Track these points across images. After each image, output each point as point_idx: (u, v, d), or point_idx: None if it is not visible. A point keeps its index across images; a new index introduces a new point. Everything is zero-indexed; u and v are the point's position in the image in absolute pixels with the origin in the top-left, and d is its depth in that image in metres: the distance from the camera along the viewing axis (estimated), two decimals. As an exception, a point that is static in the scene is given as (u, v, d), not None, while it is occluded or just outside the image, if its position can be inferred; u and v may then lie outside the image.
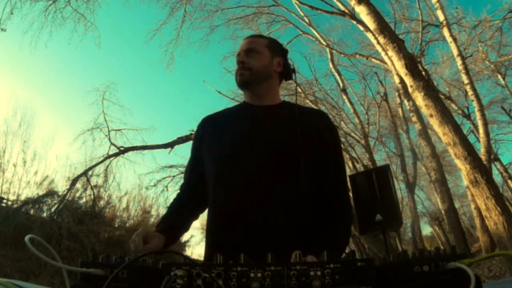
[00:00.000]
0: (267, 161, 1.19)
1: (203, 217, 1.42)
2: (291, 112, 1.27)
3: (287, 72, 1.37)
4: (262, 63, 1.30)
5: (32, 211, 8.19)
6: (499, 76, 12.40)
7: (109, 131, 9.51)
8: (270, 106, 1.32)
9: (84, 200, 9.24)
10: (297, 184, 1.16)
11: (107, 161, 9.38)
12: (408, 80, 5.95)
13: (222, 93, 10.61)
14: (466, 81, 8.59)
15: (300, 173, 1.16)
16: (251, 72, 1.29)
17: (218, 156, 1.26)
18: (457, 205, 13.38)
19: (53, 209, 8.30)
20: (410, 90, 6.08)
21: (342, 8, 9.20)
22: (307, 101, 12.88)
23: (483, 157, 7.18)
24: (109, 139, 9.42)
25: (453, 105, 12.29)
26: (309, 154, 1.19)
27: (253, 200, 1.15)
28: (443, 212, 10.73)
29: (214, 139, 1.30)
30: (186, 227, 1.32)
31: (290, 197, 1.15)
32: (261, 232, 1.11)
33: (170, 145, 9.46)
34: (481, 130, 8.10)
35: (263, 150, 1.20)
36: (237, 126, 1.30)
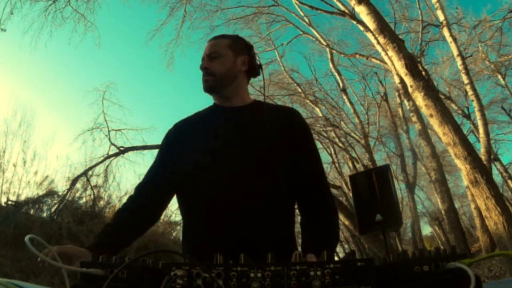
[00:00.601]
0: (243, 162, 1.20)
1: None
2: (261, 112, 1.27)
3: (253, 69, 1.35)
4: (225, 66, 1.29)
5: (32, 211, 8.19)
6: (499, 76, 12.41)
7: (109, 131, 9.48)
8: (240, 107, 1.31)
9: (84, 200, 9.24)
10: (274, 182, 1.17)
11: (107, 161, 9.36)
12: (408, 80, 5.96)
13: (222, 93, 10.61)
14: (466, 81, 8.59)
15: (277, 171, 1.18)
16: (215, 78, 1.28)
17: (194, 163, 1.24)
18: (457, 205, 13.39)
19: (53, 209, 8.30)
20: (410, 90, 6.09)
21: (342, 8, 9.21)
22: (307, 101, 12.89)
23: (483, 157, 7.18)
24: (109, 139, 9.39)
25: (453, 105, 12.29)
26: (282, 152, 1.20)
27: (232, 199, 1.16)
28: (443, 212, 10.73)
29: (188, 146, 1.28)
30: (127, 245, 1.22)
31: (269, 194, 1.17)
32: (243, 230, 1.12)
33: (170, 145, 9.43)
34: (481, 130, 8.10)
35: (238, 152, 1.21)
36: (210, 131, 1.29)
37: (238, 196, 1.16)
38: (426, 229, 22.97)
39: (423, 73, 6.78)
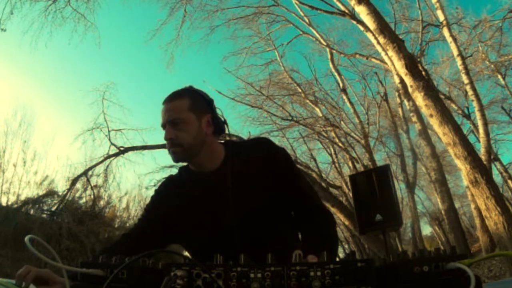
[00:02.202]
0: (236, 229, 1.20)
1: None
2: (237, 166, 1.25)
3: (219, 128, 1.28)
4: (191, 134, 1.21)
5: (32, 211, 8.19)
6: (499, 76, 12.40)
7: (109, 131, 9.48)
8: (216, 171, 1.26)
9: (84, 200, 9.24)
10: (272, 231, 1.22)
11: (107, 161, 9.36)
12: (408, 80, 5.96)
13: (222, 93, 10.60)
14: (466, 81, 8.59)
15: (269, 220, 1.22)
16: (183, 149, 1.21)
17: (194, 239, 1.25)
18: (457, 205, 13.39)
19: (53, 209, 8.30)
20: (410, 90, 6.09)
21: (342, 8, 9.20)
22: (307, 101, 12.89)
23: (483, 157, 7.17)
24: (109, 139, 9.39)
25: (453, 105, 12.29)
26: (268, 197, 1.23)
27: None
28: (443, 212, 10.74)
29: (181, 221, 1.25)
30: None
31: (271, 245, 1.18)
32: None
33: (170, 145, 9.42)
34: (481, 130, 8.10)
35: (230, 221, 1.20)
36: (199, 201, 1.25)
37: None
38: (426, 229, 23.02)
39: (423, 73, 6.77)
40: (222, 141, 1.34)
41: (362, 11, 6.62)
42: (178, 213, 1.26)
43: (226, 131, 1.32)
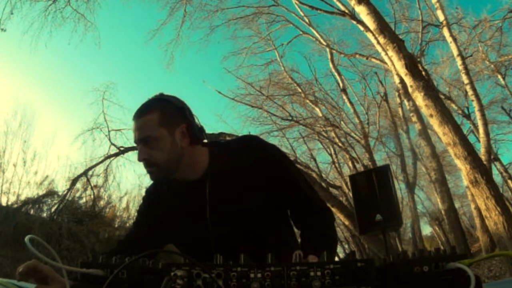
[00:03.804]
0: (226, 234, 1.16)
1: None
2: (222, 170, 1.19)
3: (196, 137, 1.18)
4: (165, 151, 1.13)
5: (32, 211, 8.19)
6: (499, 76, 12.40)
7: (109, 131, 9.47)
8: (200, 179, 1.19)
9: (84, 200, 9.24)
10: (263, 235, 1.18)
11: (107, 161, 9.36)
12: (408, 80, 5.96)
13: (222, 93, 10.61)
14: (466, 81, 8.59)
15: (260, 224, 1.18)
16: (159, 168, 1.14)
17: (186, 248, 1.24)
18: (457, 205, 13.40)
19: (53, 209, 8.31)
20: (410, 90, 6.09)
21: (342, 8, 9.20)
22: (307, 101, 12.89)
23: (483, 157, 7.18)
24: (109, 139, 9.39)
25: (453, 105, 12.29)
26: (259, 198, 1.18)
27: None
28: (443, 212, 10.73)
29: (169, 226, 1.23)
30: None
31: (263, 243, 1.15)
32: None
33: (170, 145, 9.42)
34: (481, 130, 8.10)
35: (229, 225, 1.16)
36: (182, 210, 1.22)
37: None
38: (426, 229, 23.04)
39: (423, 73, 6.77)
40: (206, 144, 1.26)
41: (362, 11, 6.61)
42: (166, 218, 1.24)
43: (204, 139, 1.22)
